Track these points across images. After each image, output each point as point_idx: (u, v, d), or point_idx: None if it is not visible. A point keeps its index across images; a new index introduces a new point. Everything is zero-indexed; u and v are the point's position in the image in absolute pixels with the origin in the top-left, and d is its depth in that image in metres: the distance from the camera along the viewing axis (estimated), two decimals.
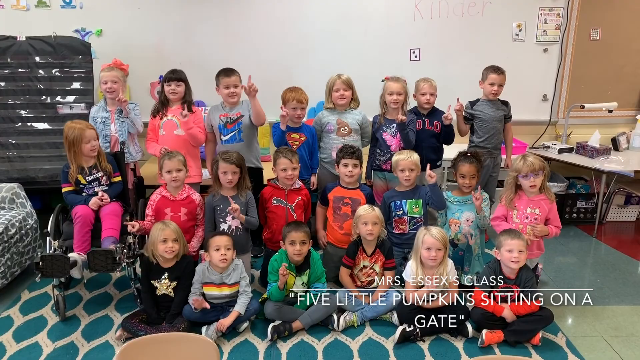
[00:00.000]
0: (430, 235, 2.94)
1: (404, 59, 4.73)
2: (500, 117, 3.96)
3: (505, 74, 3.86)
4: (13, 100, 4.10)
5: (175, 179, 3.25)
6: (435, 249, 2.92)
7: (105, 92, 3.75)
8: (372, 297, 3.17)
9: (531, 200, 3.14)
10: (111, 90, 3.72)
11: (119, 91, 3.73)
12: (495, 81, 3.83)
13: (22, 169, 4.02)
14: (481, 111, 3.92)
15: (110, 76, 3.73)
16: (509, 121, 4.04)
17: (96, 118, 3.78)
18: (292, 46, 4.68)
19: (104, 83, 3.73)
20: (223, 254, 2.96)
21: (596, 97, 4.79)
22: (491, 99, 3.91)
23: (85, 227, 3.12)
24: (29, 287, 3.46)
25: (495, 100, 3.94)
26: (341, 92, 3.71)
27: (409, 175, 3.41)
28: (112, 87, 3.72)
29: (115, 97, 3.71)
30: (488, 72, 3.87)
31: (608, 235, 4.53)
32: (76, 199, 3.24)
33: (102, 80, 3.74)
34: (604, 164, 4.35)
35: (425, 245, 2.95)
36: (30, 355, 2.76)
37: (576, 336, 2.97)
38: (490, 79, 3.85)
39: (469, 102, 3.98)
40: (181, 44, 4.62)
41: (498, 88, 3.85)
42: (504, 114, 3.97)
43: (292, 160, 3.37)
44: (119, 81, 3.76)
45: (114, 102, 3.74)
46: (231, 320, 2.91)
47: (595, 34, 4.77)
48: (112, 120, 3.76)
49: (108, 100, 3.79)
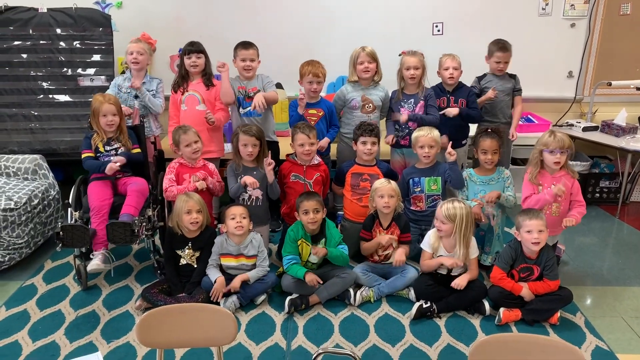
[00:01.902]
0: (440, 207, 2.96)
1: (427, 33, 4.63)
2: (508, 90, 3.91)
3: (511, 51, 3.79)
4: (35, 72, 4.13)
5: (196, 150, 3.31)
6: (440, 221, 2.94)
7: (131, 62, 3.74)
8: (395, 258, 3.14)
9: (554, 178, 3.08)
10: (136, 62, 3.72)
11: (144, 63, 3.74)
12: (500, 59, 3.80)
13: (44, 141, 4.07)
14: (489, 81, 3.89)
15: (136, 47, 3.72)
16: (518, 94, 3.97)
17: (121, 87, 3.78)
18: (312, 20, 4.61)
19: (130, 54, 3.72)
20: (239, 221, 2.99)
21: (624, 74, 4.64)
22: (497, 74, 3.87)
23: (100, 218, 3.12)
24: (52, 257, 3.53)
25: (503, 74, 3.90)
26: (365, 64, 3.64)
27: (428, 152, 3.38)
28: (137, 58, 3.71)
29: (140, 68, 3.72)
30: (494, 49, 3.81)
31: (631, 216, 4.44)
32: (94, 164, 3.25)
33: (128, 51, 3.73)
34: (629, 143, 4.25)
35: (436, 215, 2.99)
36: (53, 322, 2.83)
37: (595, 316, 2.94)
38: (495, 56, 3.81)
39: (476, 78, 3.93)
40: (201, 16, 4.58)
41: (504, 65, 3.82)
42: (512, 87, 3.92)
43: (310, 135, 3.36)
44: (144, 53, 3.75)
45: (139, 74, 3.76)
46: (238, 281, 2.94)
47: (626, 8, 4.60)
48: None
49: (133, 72, 3.78)
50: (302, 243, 3.10)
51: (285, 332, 2.78)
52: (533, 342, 1.66)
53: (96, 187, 3.22)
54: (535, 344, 1.65)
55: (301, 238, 3.10)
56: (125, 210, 3.13)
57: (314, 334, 2.76)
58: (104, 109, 3.25)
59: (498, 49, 3.79)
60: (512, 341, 1.71)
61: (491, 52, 3.84)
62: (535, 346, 1.65)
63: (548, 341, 1.72)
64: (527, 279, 2.91)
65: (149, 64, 3.84)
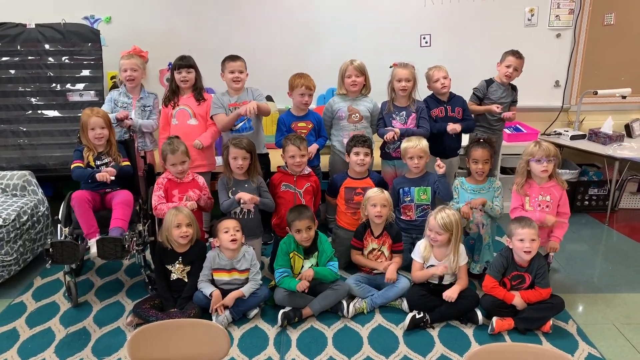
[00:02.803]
0: (433, 217, 2.96)
1: (415, 45, 4.68)
2: (508, 104, 3.96)
3: (523, 60, 3.83)
4: (23, 87, 4.11)
5: (181, 172, 3.30)
6: (435, 231, 2.94)
7: (126, 80, 3.74)
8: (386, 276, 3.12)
9: (542, 188, 3.11)
10: (131, 79, 3.72)
11: (139, 79, 3.74)
12: (512, 63, 3.83)
13: (33, 157, 4.04)
14: (494, 91, 3.92)
15: (130, 64, 3.71)
16: (514, 105, 4.04)
17: (117, 101, 3.76)
18: (301, 32, 4.64)
19: (124, 71, 3.72)
20: (233, 234, 2.97)
21: (609, 83, 4.72)
22: (504, 82, 3.90)
23: (84, 206, 3.08)
24: (42, 274, 3.49)
25: (507, 86, 3.92)
26: (353, 78, 3.68)
27: (417, 162, 3.40)
28: (131, 75, 3.71)
29: (135, 85, 3.75)
30: (507, 54, 3.86)
31: (620, 223, 4.48)
32: (83, 172, 3.22)
33: (121, 69, 3.73)
34: (617, 151, 4.30)
35: (429, 226, 2.99)
36: (43, 341, 2.79)
37: (587, 324, 2.95)
38: (507, 60, 3.85)
39: (484, 81, 3.96)
40: (190, 30, 4.59)
41: (513, 71, 3.85)
42: (511, 99, 3.98)
43: (301, 147, 3.37)
44: (138, 69, 3.75)
45: (134, 90, 3.77)
46: (232, 298, 2.92)
47: (609, 18, 4.69)
48: (134, 107, 3.77)
49: (128, 87, 3.78)
50: (295, 256, 3.09)
51: (279, 345, 2.77)
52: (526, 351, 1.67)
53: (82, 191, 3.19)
54: (529, 353, 1.66)
55: (293, 251, 3.09)
56: (114, 224, 3.09)
57: (307, 347, 2.75)
58: (91, 122, 3.23)
59: (511, 54, 3.84)
60: (506, 351, 1.72)
61: (503, 58, 3.88)
62: (528, 355, 1.65)
63: (541, 350, 1.73)
64: (518, 287, 2.92)
65: (143, 77, 3.83)
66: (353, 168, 3.51)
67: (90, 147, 3.28)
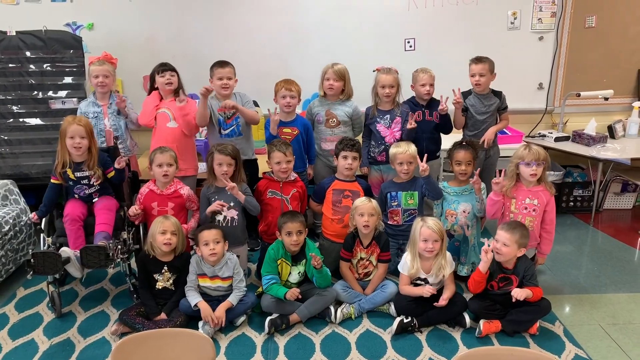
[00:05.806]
0: (427, 227, 2.91)
1: (399, 48, 4.70)
2: (491, 111, 3.84)
3: (486, 62, 3.70)
4: (4, 95, 4.05)
5: (166, 173, 3.24)
6: (432, 240, 2.90)
7: (97, 86, 3.70)
8: (366, 291, 3.17)
9: (530, 191, 3.12)
10: (103, 85, 3.68)
11: (110, 85, 3.71)
12: (474, 71, 3.72)
13: (15, 165, 4.00)
14: (471, 105, 3.84)
15: (101, 70, 3.68)
16: (503, 112, 3.93)
17: (87, 113, 3.69)
18: (286, 37, 4.65)
19: (95, 77, 3.68)
20: (212, 248, 2.94)
21: (592, 85, 4.78)
22: (479, 92, 3.80)
23: (75, 224, 3.08)
24: (24, 284, 3.44)
25: (487, 94, 3.83)
26: (331, 81, 3.68)
27: (407, 168, 3.38)
28: (103, 81, 3.67)
29: (107, 91, 3.70)
30: (469, 64, 3.76)
31: (605, 223, 4.52)
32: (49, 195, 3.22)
33: (92, 75, 3.69)
34: (600, 152, 4.34)
35: (422, 237, 2.92)
36: (27, 353, 2.74)
37: (573, 325, 2.97)
38: (470, 70, 3.76)
39: (461, 93, 3.81)
40: (174, 36, 4.58)
41: (479, 78, 3.71)
42: (497, 107, 3.86)
43: (286, 153, 3.35)
44: (110, 75, 3.72)
45: (105, 96, 3.73)
46: (222, 310, 2.88)
47: (591, 21, 4.74)
48: (105, 114, 3.72)
49: (98, 94, 3.75)
50: (282, 262, 3.07)
51: (266, 353, 2.75)
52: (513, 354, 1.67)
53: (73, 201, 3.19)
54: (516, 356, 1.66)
55: (281, 257, 3.07)
56: (99, 229, 3.07)
57: (295, 354, 2.73)
58: (71, 129, 3.09)
59: (471, 62, 3.74)
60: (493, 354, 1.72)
61: (469, 68, 3.78)
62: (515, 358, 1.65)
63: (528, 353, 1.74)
64: (506, 289, 2.92)
65: (113, 83, 3.80)
66: (341, 172, 3.50)
67: (63, 157, 3.14)
